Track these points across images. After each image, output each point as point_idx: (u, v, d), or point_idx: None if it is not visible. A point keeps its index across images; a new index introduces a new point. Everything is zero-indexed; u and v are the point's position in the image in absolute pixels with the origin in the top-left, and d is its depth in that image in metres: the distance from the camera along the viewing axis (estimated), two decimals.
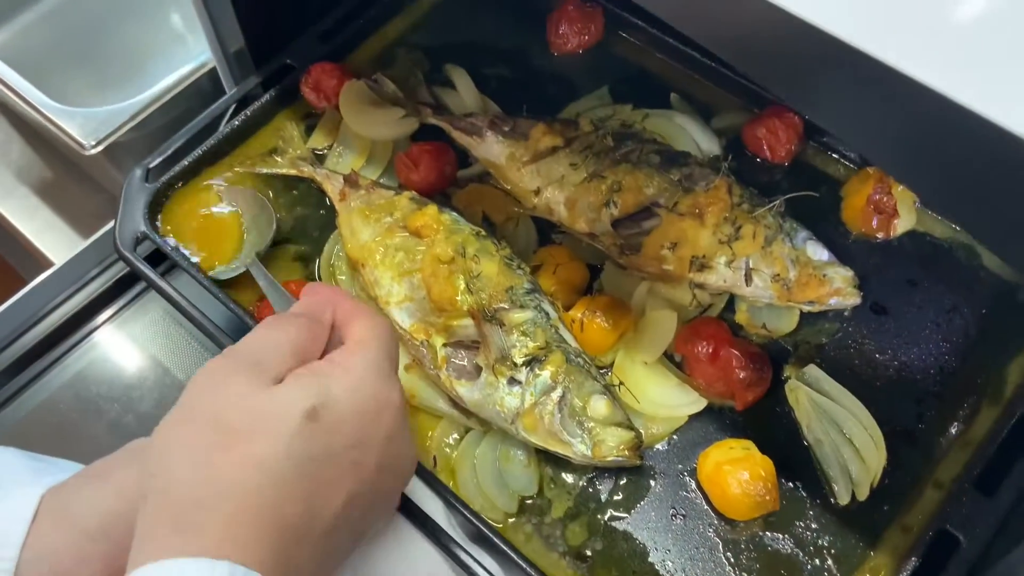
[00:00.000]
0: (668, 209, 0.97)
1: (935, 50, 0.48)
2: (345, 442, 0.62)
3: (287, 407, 0.60)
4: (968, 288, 1.00)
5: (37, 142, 1.42)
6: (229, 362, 0.63)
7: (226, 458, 0.57)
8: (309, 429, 0.59)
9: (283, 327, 0.67)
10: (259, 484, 0.57)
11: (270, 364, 0.63)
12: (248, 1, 1.06)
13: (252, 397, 0.60)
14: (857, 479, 0.89)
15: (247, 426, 0.59)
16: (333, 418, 0.61)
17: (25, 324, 1.05)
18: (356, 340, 0.68)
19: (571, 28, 1.18)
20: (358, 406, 0.63)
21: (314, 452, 0.59)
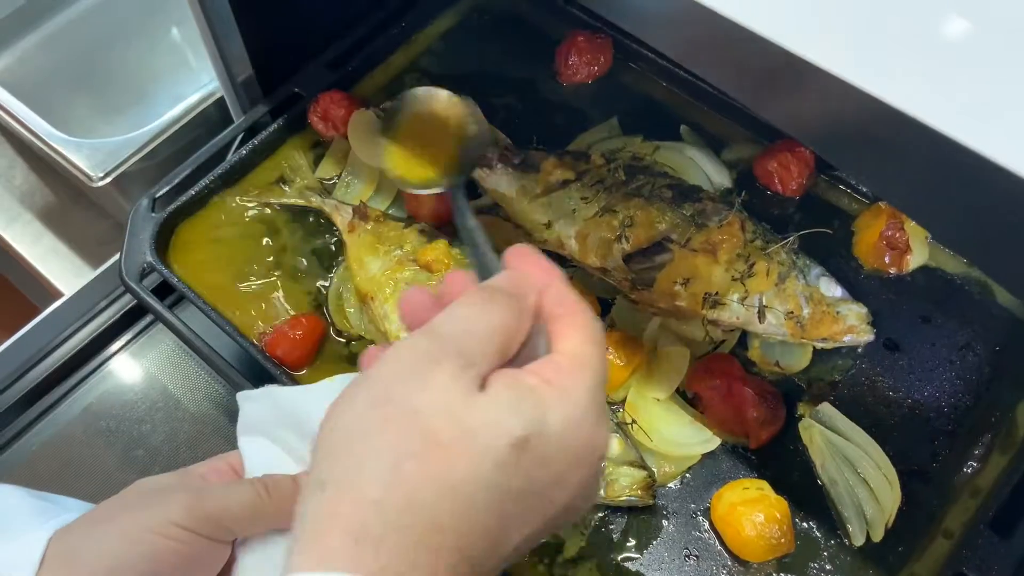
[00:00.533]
0: (680, 244, 0.96)
1: (944, 95, 0.48)
2: (545, 481, 0.54)
3: (497, 429, 0.51)
4: (981, 324, 1.00)
5: (41, 167, 1.42)
6: (433, 346, 0.54)
7: (422, 472, 0.50)
8: (515, 460, 0.52)
9: (492, 310, 0.56)
10: (451, 511, 0.50)
11: (477, 358, 0.54)
12: (256, 30, 1.06)
13: (459, 404, 0.52)
14: (872, 520, 0.89)
15: (450, 440, 0.51)
16: (541, 453, 0.53)
17: (34, 358, 1.05)
18: (574, 355, 0.56)
19: (580, 59, 1.18)
20: (570, 445, 0.54)
21: (513, 486, 0.52)
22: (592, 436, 0.55)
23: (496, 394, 0.53)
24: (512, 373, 0.54)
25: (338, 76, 1.16)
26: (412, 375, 0.53)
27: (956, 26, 0.51)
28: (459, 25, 1.26)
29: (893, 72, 0.49)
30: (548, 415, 0.53)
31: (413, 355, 0.53)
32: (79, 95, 1.46)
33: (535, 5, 1.27)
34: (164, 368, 1.05)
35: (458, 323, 0.55)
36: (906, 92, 0.48)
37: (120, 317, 1.08)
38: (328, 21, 1.19)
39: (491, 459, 0.51)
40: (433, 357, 0.53)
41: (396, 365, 0.53)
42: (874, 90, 0.49)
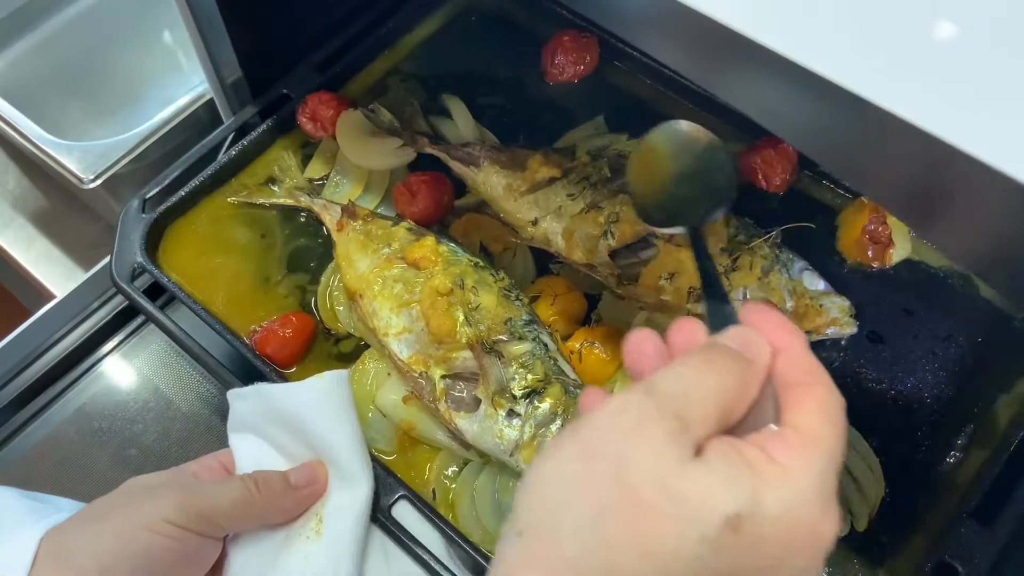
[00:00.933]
0: (665, 240, 0.97)
1: (929, 92, 0.49)
2: (752, 568, 0.49)
3: (709, 502, 0.48)
4: (964, 317, 1.01)
5: (34, 171, 1.43)
6: (650, 404, 0.51)
7: (625, 537, 0.48)
8: (724, 539, 0.48)
9: (716, 373, 0.52)
10: None
11: (694, 422, 0.50)
12: (245, 33, 1.07)
13: (670, 469, 0.49)
14: (856, 510, 0.90)
15: (659, 509, 0.48)
16: (754, 534, 0.48)
17: (27, 359, 1.05)
18: (806, 432, 0.52)
19: (567, 58, 1.19)
20: (787, 530, 0.49)
21: (719, 568, 0.48)
22: (815, 526, 0.50)
23: (711, 463, 0.49)
24: (732, 443, 0.51)
25: (326, 77, 1.17)
26: (624, 431, 0.50)
27: (937, 23, 0.52)
28: (446, 26, 1.28)
29: (875, 70, 0.50)
30: (766, 493, 0.48)
31: (627, 411, 0.51)
32: (72, 99, 1.48)
33: (521, 6, 1.28)
34: (155, 368, 1.06)
35: (678, 383, 0.52)
36: (887, 89, 0.49)
37: (112, 318, 1.08)
38: (316, 24, 1.20)
39: (698, 532, 0.47)
40: (649, 416, 0.50)
41: (609, 419, 0.51)
42: (856, 87, 0.50)
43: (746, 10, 0.53)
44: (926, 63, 0.50)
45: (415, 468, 0.93)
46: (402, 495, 0.87)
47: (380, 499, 0.87)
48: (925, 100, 0.48)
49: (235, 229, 1.09)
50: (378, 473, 0.87)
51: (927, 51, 0.51)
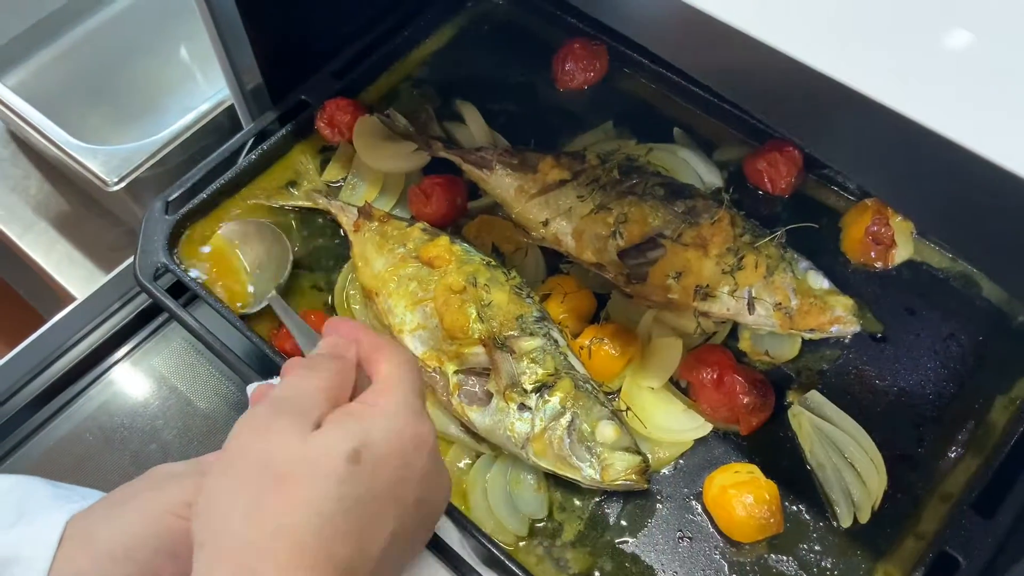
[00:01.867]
0: (673, 240, 1.00)
1: (931, 90, 0.51)
2: (386, 481, 0.63)
3: (330, 451, 0.61)
4: (965, 316, 1.03)
5: (55, 177, 1.45)
6: (269, 411, 0.64)
7: (276, 502, 0.59)
8: (352, 471, 0.60)
9: (315, 373, 0.68)
10: (310, 526, 0.58)
11: (308, 410, 0.64)
12: (265, 40, 1.10)
13: (296, 443, 0.61)
14: (859, 502, 0.92)
15: (294, 471, 0.60)
16: (374, 459, 0.62)
17: (49, 358, 1.08)
18: (385, 378, 0.68)
19: (577, 65, 1.22)
20: (396, 445, 0.64)
21: (359, 493, 0.61)
22: (415, 433, 0.65)
23: (326, 428, 0.63)
24: (341, 409, 0.66)
25: (344, 84, 1.20)
26: (255, 435, 0.63)
27: (941, 25, 0.54)
28: (460, 35, 1.31)
29: (878, 69, 0.52)
30: (370, 428, 0.63)
31: (255, 421, 0.64)
32: (93, 106, 1.51)
33: (532, 15, 1.31)
34: (175, 367, 1.09)
35: (289, 390, 0.67)
36: (891, 88, 0.51)
37: (133, 319, 1.11)
38: (334, 32, 1.23)
39: (332, 475, 0.60)
40: (271, 418, 0.64)
41: (243, 432, 0.64)
42: (864, 88, 0.52)
43: (753, 12, 0.56)
44: (931, 64, 0.52)
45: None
46: None
47: None
48: (934, 100, 0.50)
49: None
50: None
51: (933, 54, 0.53)
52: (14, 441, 1.04)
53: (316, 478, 0.60)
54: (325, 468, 0.60)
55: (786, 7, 0.56)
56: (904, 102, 0.50)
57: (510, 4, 1.33)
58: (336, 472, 0.60)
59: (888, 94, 0.51)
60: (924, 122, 0.50)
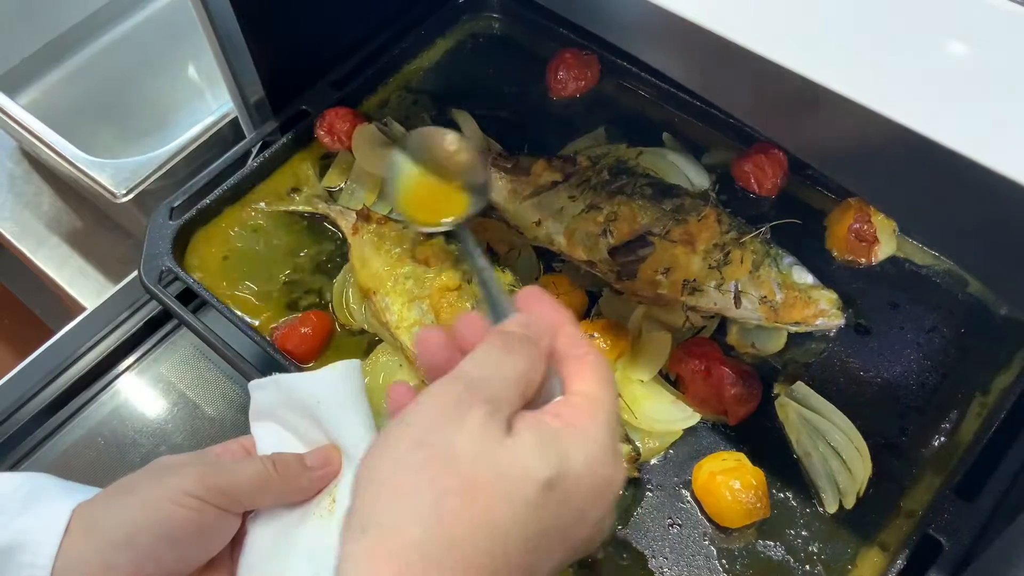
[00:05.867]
0: (661, 237, 1.03)
1: (910, 91, 0.53)
2: (571, 517, 0.57)
3: (528, 472, 0.54)
4: (947, 309, 1.05)
5: (66, 193, 1.49)
6: (464, 392, 0.57)
7: (461, 512, 0.53)
8: (544, 500, 0.54)
9: (514, 357, 0.59)
10: (488, 550, 0.53)
11: (503, 403, 0.57)
12: (266, 57, 1.14)
13: (492, 447, 0.55)
14: (844, 489, 0.94)
15: (487, 483, 0.54)
16: (567, 492, 0.56)
17: (60, 366, 1.10)
18: (588, 396, 0.60)
19: (569, 74, 1.26)
20: (591, 483, 0.57)
21: (543, 526, 0.55)
22: (609, 475, 0.58)
23: (523, 438, 0.56)
24: (535, 416, 0.58)
25: (343, 94, 1.24)
26: (447, 419, 0.56)
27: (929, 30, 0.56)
28: (456, 46, 1.35)
29: (868, 74, 0.54)
30: (571, 455, 0.56)
31: (447, 400, 0.56)
32: (102, 124, 1.54)
33: (526, 28, 1.35)
34: (183, 373, 1.11)
35: (485, 369, 0.58)
36: (877, 92, 0.53)
37: (141, 327, 1.14)
38: (333, 46, 1.27)
39: (525, 500, 0.53)
40: (466, 402, 0.56)
41: (431, 410, 0.56)
42: (850, 92, 0.53)
43: (741, 19, 0.58)
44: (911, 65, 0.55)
45: None
46: None
47: None
48: (908, 100, 0.53)
49: (257, 235, 1.15)
50: None
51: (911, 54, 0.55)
52: (28, 446, 1.07)
53: (508, 499, 0.54)
54: (519, 490, 0.54)
55: (769, 14, 0.58)
56: (884, 103, 0.52)
57: (505, 17, 1.37)
58: (529, 499, 0.54)
59: (868, 95, 0.53)
60: (904, 122, 0.52)
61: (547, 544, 0.56)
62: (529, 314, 0.64)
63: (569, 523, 0.56)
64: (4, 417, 1.07)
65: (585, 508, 0.57)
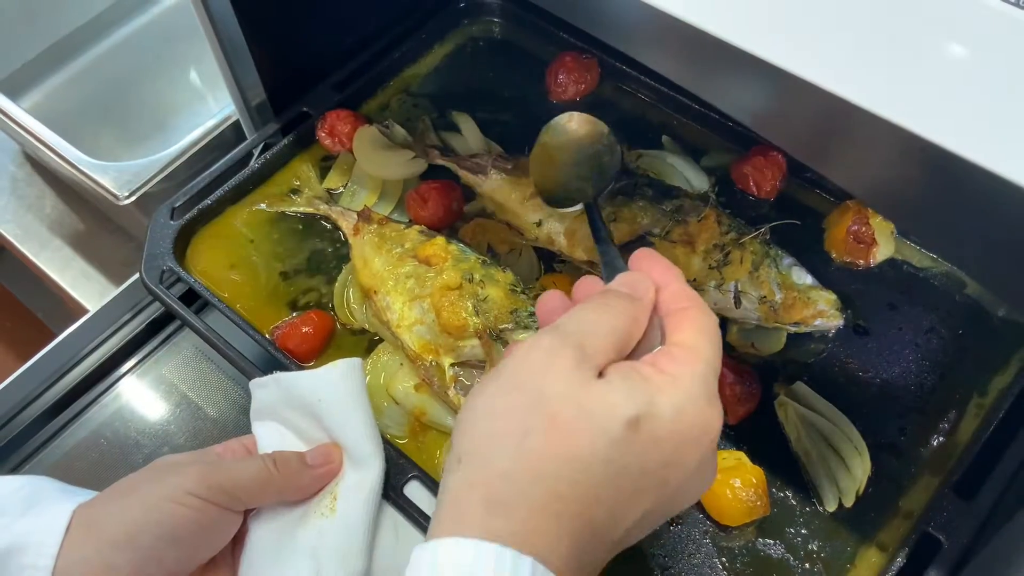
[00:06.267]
0: (661, 238, 1.03)
1: (908, 92, 0.54)
2: (659, 460, 0.58)
3: (612, 410, 0.57)
4: (945, 310, 1.06)
5: (69, 196, 1.49)
6: (556, 340, 0.60)
7: (546, 445, 0.56)
8: (629, 439, 0.57)
9: (610, 312, 0.63)
10: (572, 480, 0.56)
11: (595, 352, 0.60)
12: (268, 60, 1.15)
13: (578, 387, 0.58)
14: (843, 488, 0.94)
15: (570, 419, 0.57)
16: (653, 433, 0.58)
17: (63, 368, 1.11)
18: (686, 346, 0.62)
19: (569, 77, 1.26)
20: (679, 427, 0.59)
21: (627, 463, 0.57)
22: (704, 420, 0.60)
23: (611, 381, 0.59)
24: (628, 364, 0.61)
25: (344, 96, 1.24)
26: (538, 363, 0.60)
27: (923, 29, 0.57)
28: (456, 50, 1.35)
29: (864, 76, 0.55)
30: (658, 399, 0.58)
31: (539, 347, 0.60)
32: (104, 127, 1.55)
33: (526, 31, 1.36)
34: (185, 375, 1.12)
35: (578, 322, 0.62)
36: (873, 93, 0.54)
37: (144, 328, 1.14)
38: (335, 49, 1.27)
39: (606, 436, 0.56)
40: (555, 350, 0.60)
41: (524, 356, 0.61)
42: (846, 93, 0.54)
43: (737, 22, 0.59)
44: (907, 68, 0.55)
45: (426, 451, 0.98)
46: (413, 475, 0.92)
47: (393, 479, 0.91)
48: (912, 102, 0.53)
49: (258, 236, 1.15)
50: (391, 455, 0.91)
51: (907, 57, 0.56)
52: (31, 448, 1.07)
53: (591, 434, 0.57)
54: (601, 425, 0.57)
55: (766, 16, 0.59)
56: (881, 105, 0.53)
57: (505, 21, 1.37)
58: (612, 435, 0.57)
59: (866, 97, 0.53)
60: (901, 123, 0.52)
61: (635, 483, 0.58)
62: (636, 272, 0.67)
63: (657, 465, 0.58)
64: (7, 419, 1.07)
65: (677, 452, 0.59)
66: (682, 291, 0.65)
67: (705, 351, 0.62)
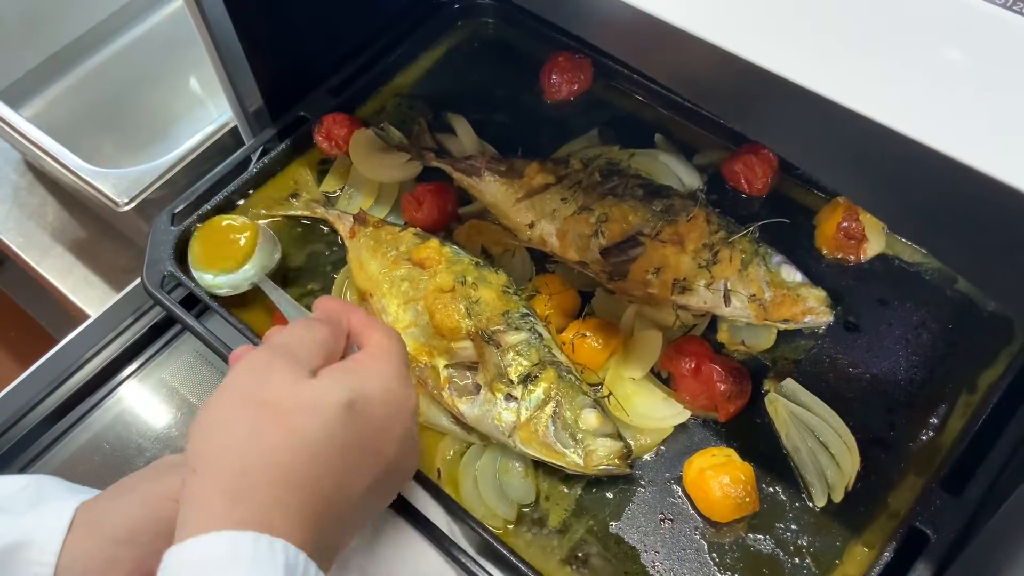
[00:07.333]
0: (651, 237, 1.04)
1: (894, 91, 0.54)
2: (374, 433, 0.70)
3: (328, 396, 0.68)
4: (935, 305, 1.07)
5: (71, 203, 1.50)
6: (270, 353, 0.71)
7: (273, 434, 0.65)
8: (346, 418, 0.67)
9: (315, 326, 0.76)
10: (302, 460, 0.64)
11: (306, 358, 0.71)
12: (265, 66, 1.16)
13: (294, 385, 0.68)
14: (833, 483, 0.95)
15: (292, 408, 0.66)
16: (366, 411, 0.69)
17: (65, 373, 1.12)
18: (379, 345, 0.76)
19: (562, 77, 1.27)
20: (386, 403, 0.72)
21: (348, 439, 0.67)
22: (402, 396, 0.74)
23: (324, 376, 0.70)
24: (337, 363, 0.74)
25: (340, 100, 1.26)
26: (255, 373, 0.69)
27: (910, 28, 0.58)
28: (450, 52, 1.37)
29: (848, 76, 0.55)
30: (366, 383, 0.71)
31: (256, 361, 0.70)
32: (105, 134, 1.57)
33: (519, 32, 1.37)
34: (186, 379, 1.13)
35: (289, 338, 0.74)
36: (858, 93, 0.54)
37: (145, 333, 1.16)
38: (330, 53, 1.29)
39: (328, 418, 0.66)
40: (272, 360, 0.70)
41: (244, 369, 0.70)
42: (832, 94, 0.55)
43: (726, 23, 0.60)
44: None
45: (422, 451, 0.99)
46: None
47: None
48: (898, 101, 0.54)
49: None
50: None
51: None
52: (33, 453, 1.09)
53: (313, 417, 0.66)
54: (322, 411, 0.67)
55: (752, 19, 0.60)
56: (866, 103, 0.54)
57: (499, 22, 1.39)
58: (331, 415, 0.67)
59: (852, 98, 0.54)
60: (886, 122, 0.53)
61: (359, 456, 0.68)
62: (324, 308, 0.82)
63: (373, 436, 0.70)
64: (9, 424, 1.09)
65: (386, 424, 0.71)
66: (364, 316, 0.80)
67: (393, 348, 0.77)
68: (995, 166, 0.50)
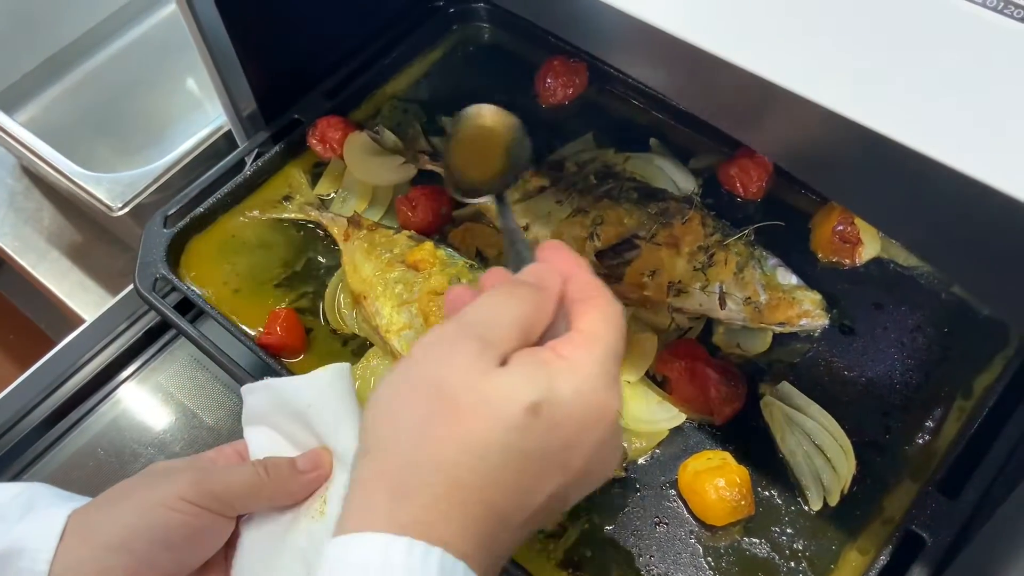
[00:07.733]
0: (647, 240, 1.04)
1: (881, 95, 0.54)
2: (560, 444, 0.59)
3: (511, 396, 0.58)
4: (931, 309, 1.06)
5: (66, 208, 1.51)
6: (458, 331, 0.61)
7: (446, 432, 0.58)
8: (529, 424, 0.58)
9: (514, 301, 0.63)
10: (472, 467, 0.57)
11: (497, 341, 0.61)
12: (259, 69, 1.16)
13: (478, 375, 0.59)
14: (828, 486, 0.95)
15: (470, 406, 0.58)
16: (553, 418, 0.59)
17: (60, 378, 1.12)
18: (588, 332, 0.63)
19: (557, 81, 1.27)
20: (579, 409, 0.60)
21: (528, 448, 0.58)
22: (602, 403, 0.60)
23: (512, 368, 0.59)
24: (529, 351, 0.61)
25: (335, 103, 1.26)
26: (438, 354, 0.60)
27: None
28: (446, 56, 1.37)
29: (838, 82, 0.55)
30: (557, 383, 0.59)
31: (441, 338, 0.61)
32: (100, 139, 1.57)
33: (515, 36, 1.37)
34: (181, 383, 1.13)
35: (481, 312, 0.62)
36: (852, 102, 0.54)
37: (140, 337, 1.16)
38: (325, 56, 1.29)
39: (505, 422, 0.57)
40: (457, 340, 0.60)
41: (427, 347, 0.62)
42: (825, 101, 0.54)
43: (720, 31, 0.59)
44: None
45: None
46: None
47: None
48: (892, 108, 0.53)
49: (250, 243, 1.16)
50: None
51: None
52: (29, 458, 1.08)
53: (490, 419, 0.58)
54: (501, 412, 0.58)
55: (743, 24, 0.60)
56: (862, 113, 0.53)
57: (494, 26, 1.39)
58: (512, 420, 0.58)
59: (849, 107, 0.54)
60: (873, 126, 0.53)
61: (537, 466, 0.58)
62: (543, 263, 0.67)
63: (558, 447, 0.59)
64: (5, 429, 1.09)
65: (577, 434, 0.59)
66: (588, 281, 0.66)
67: (606, 336, 0.62)
68: (983, 170, 0.50)
